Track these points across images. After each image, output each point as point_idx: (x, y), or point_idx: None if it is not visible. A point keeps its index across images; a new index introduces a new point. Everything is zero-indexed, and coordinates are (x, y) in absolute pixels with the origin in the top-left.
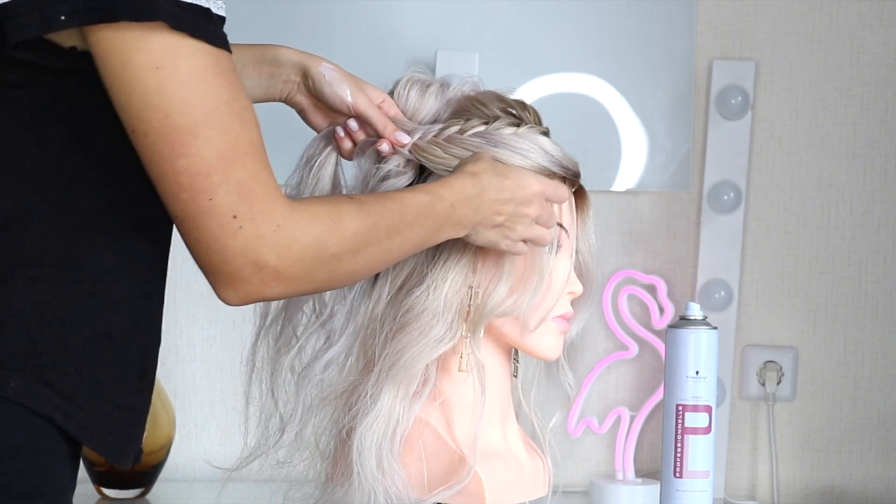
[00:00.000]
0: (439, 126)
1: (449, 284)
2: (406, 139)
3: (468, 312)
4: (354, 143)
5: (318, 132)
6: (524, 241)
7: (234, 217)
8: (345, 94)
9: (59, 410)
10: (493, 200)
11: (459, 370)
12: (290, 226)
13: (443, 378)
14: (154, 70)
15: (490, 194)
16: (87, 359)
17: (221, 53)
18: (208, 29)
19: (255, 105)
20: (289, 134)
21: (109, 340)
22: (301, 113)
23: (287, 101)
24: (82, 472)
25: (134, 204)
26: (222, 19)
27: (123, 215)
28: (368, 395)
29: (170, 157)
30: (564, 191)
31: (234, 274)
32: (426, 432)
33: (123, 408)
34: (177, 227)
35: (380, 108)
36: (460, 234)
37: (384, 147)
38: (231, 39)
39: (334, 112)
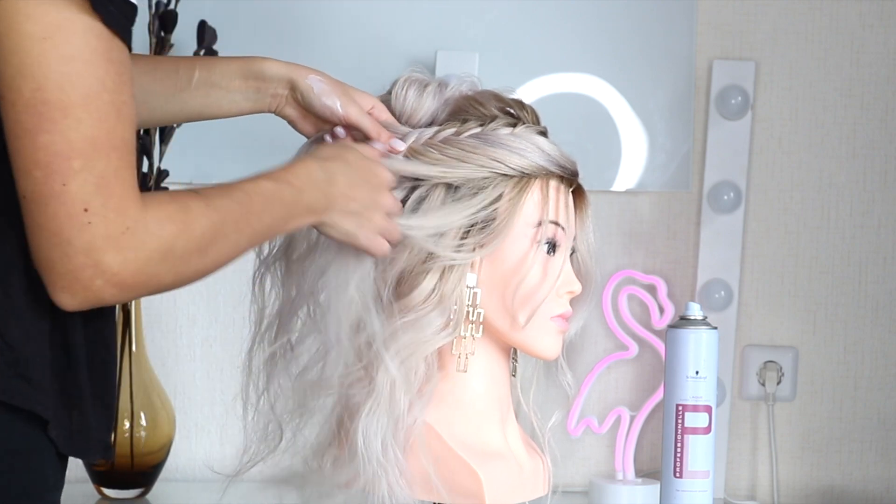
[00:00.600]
0: (435, 129)
1: (449, 283)
2: (401, 146)
3: (467, 313)
4: None
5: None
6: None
7: (86, 210)
8: (335, 105)
9: (39, 404)
10: (345, 185)
11: (457, 370)
12: (141, 229)
13: (441, 378)
14: (40, 40)
15: (339, 179)
16: (46, 349)
17: (115, 41)
18: (109, 9)
19: (247, 117)
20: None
21: (61, 327)
22: (292, 124)
23: (277, 113)
24: (82, 472)
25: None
26: (132, 7)
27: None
28: (368, 381)
29: (32, 131)
30: (399, 209)
31: (73, 274)
32: (427, 434)
33: (97, 399)
34: (23, 209)
35: (370, 114)
36: (313, 222)
37: (339, 131)
38: (232, 39)
39: (325, 122)
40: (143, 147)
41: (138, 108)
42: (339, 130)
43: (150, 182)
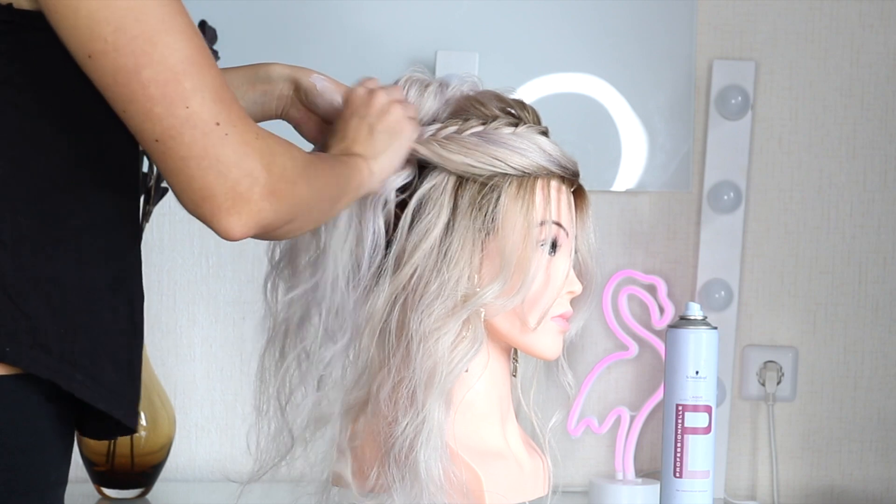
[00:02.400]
0: (437, 126)
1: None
2: None
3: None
4: None
5: (315, 145)
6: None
7: (218, 124)
8: (337, 102)
9: (60, 374)
10: (360, 118)
11: None
12: (265, 136)
13: None
14: None
15: (353, 121)
16: (77, 319)
17: None
18: None
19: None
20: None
21: (97, 298)
22: (296, 127)
23: (282, 116)
24: (82, 472)
25: (96, 162)
26: None
27: (86, 174)
28: (418, 413)
29: (133, 70)
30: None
31: (234, 190)
32: None
33: (122, 364)
34: (158, 156)
35: None
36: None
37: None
38: (232, 39)
39: (329, 122)
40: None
41: None
42: None
43: (151, 182)
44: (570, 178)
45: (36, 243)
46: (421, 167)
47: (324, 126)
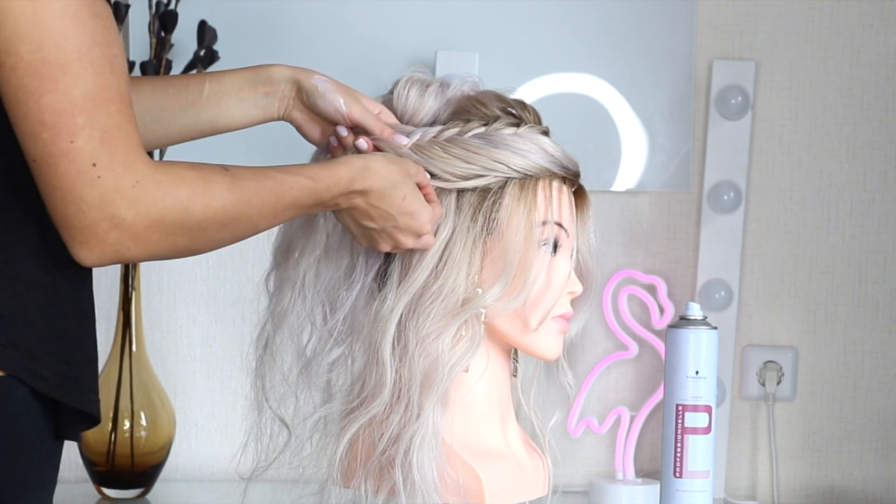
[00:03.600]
0: (439, 127)
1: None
2: (404, 140)
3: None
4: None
5: (316, 147)
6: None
7: (94, 165)
8: (338, 103)
9: (27, 370)
10: (371, 206)
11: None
12: (152, 185)
13: None
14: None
15: (372, 198)
16: (42, 317)
17: None
18: None
19: (252, 129)
20: (280, 141)
21: (63, 297)
22: (299, 129)
23: (285, 117)
24: (82, 472)
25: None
26: None
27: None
28: (413, 414)
29: (36, 93)
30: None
31: (90, 229)
32: None
33: (89, 358)
34: (34, 172)
35: (378, 117)
36: (319, 211)
37: (361, 143)
38: (232, 39)
39: (331, 124)
40: None
41: (152, 126)
42: (342, 130)
43: None
44: (572, 179)
45: (3, 244)
46: None
47: (326, 127)
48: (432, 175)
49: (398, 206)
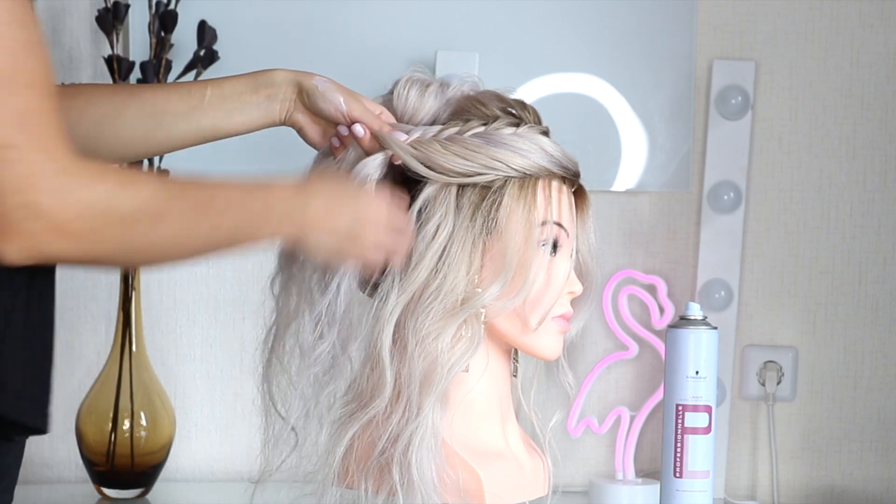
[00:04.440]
0: (438, 126)
1: (461, 288)
2: (403, 136)
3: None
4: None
5: (318, 150)
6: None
7: (9, 147)
8: (338, 102)
9: None
10: (320, 220)
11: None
12: (75, 172)
13: None
14: None
15: (312, 212)
16: None
17: None
18: None
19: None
20: (279, 143)
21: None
22: (300, 132)
23: (286, 121)
24: (82, 472)
25: None
26: None
27: None
28: (412, 413)
29: None
30: (404, 221)
31: (6, 218)
32: None
33: (28, 364)
34: None
35: (378, 117)
36: (290, 238)
37: (357, 128)
38: (232, 39)
39: (332, 125)
40: None
41: (154, 132)
42: (343, 129)
43: None
44: (571, 179)
45: None
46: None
47: (327, 129)
48: (432, 170)
49: (347, 211)
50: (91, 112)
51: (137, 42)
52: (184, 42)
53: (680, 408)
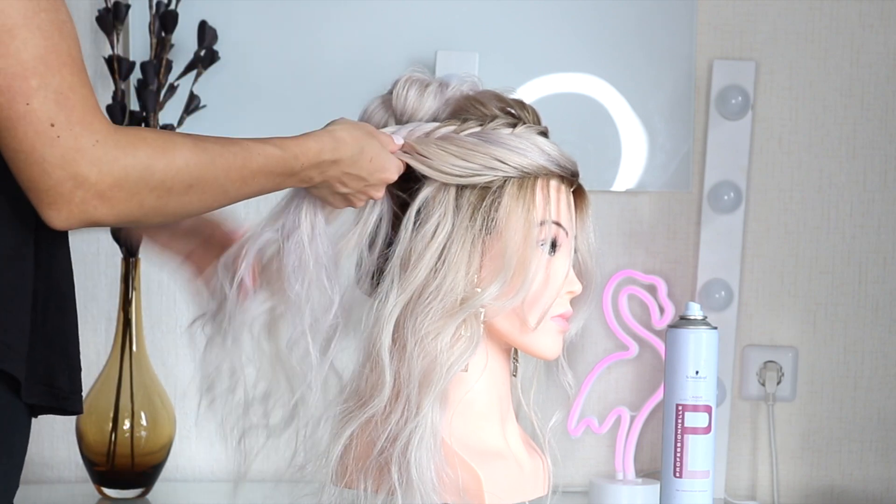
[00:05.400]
0: (434, 124)
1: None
2: (399, 140)
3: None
4: None
5: None
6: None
7: (52, 125)
8: None
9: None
10: (344, 173)
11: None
12: (112, 143)
13: None
14: None
15: (343, 166)
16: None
17: None
18: None
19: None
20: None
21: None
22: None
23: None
24: (82, 472)
25: None
26: None
27: None
28: (411, 413)
29: None
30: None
31: (54, 189)
32: None
33: (27, 327)
34: None
35: None
36: (294, 185)
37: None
38: (232, 39)
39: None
40: None
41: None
42: None
43: None
44: (570, 178)
45: None
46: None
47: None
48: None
49: (368, 167)
50: None
51: (138, 42)
52: (184, 42)
53: (680, 408)
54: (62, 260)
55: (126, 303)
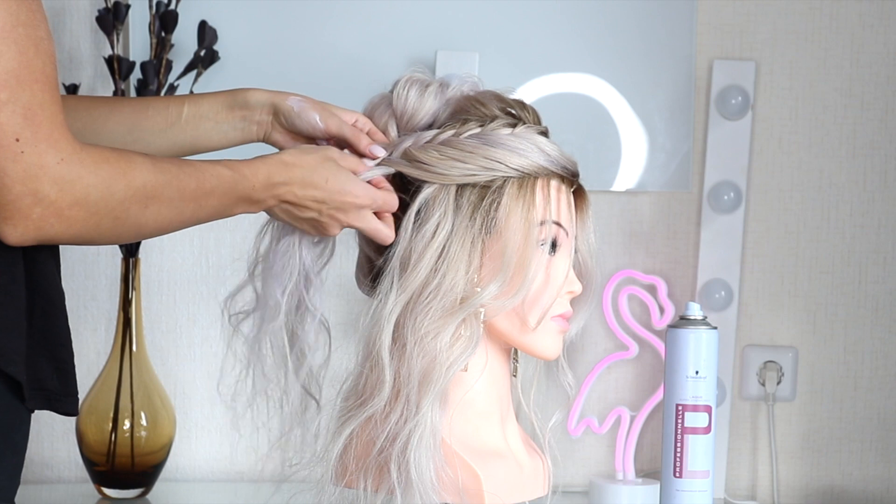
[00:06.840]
0: (434, 132)
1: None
2: (381, 152)
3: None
4: None
5: None
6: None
7: (17, 140)
8: (314, 119)
9: None
10: (299, 196)
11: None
12: (76, 162)
13: None
14: None
15: (295, 188)
16: None
17: None
18: None
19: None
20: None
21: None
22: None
23: (266, 140)
24: (83, 472)
25: None
26: None
27: None
28: (411, 412)
29: None
30: (394, 200)
31: (13, 204)
32: None
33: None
34: None
35: (354, 126)
36: (254, 212)
37: (377, 150)
38: (232, 39)
39: (311, 141)
40: None
41: (132, 146)
42: (322, 143)
43: None
44: (570, 178)
45: None
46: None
47: (307, 144)
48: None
49: (325, 188)
50: (71, 124)
51: (138, 42)
52: (184, 42)
53: (680, 408)
54: (43, 264)
55: (126, 303)
